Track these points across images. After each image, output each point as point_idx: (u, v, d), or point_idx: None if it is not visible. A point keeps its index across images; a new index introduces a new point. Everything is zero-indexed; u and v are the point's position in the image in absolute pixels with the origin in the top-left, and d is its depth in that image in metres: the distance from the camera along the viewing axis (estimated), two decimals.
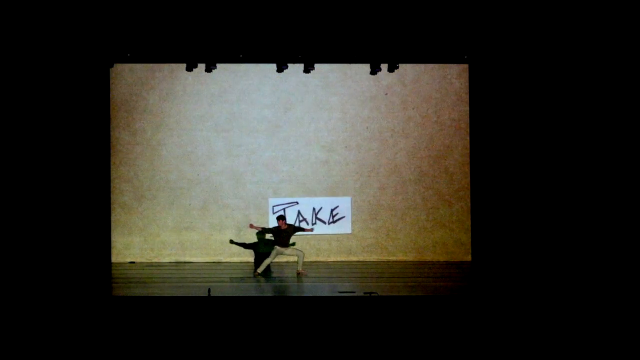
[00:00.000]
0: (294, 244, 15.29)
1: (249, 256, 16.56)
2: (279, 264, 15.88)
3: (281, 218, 15.05)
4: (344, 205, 16.80)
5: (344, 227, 16.83)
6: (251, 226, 15.46)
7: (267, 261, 14.93)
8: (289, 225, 15.14)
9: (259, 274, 14.82)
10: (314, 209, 16.79)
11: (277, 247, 14.92)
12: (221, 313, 11.25)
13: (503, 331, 10.71)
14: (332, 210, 16.79)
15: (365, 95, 16.96)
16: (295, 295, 13.24)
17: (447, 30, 15.31)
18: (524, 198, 15.81)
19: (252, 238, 15.97)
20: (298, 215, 16.74)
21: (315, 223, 16.77)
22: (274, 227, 15.05)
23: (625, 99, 14.89)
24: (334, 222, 16.77)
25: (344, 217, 16.79)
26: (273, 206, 16.74)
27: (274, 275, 15.13)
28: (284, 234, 14.90)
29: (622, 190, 14.95)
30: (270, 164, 16.93)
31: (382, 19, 15.13)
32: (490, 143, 16.32)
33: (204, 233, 16.82)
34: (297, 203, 16.71)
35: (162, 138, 16.84)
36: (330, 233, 16.82)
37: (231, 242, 15.99)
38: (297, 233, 15.22)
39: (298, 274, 14.86)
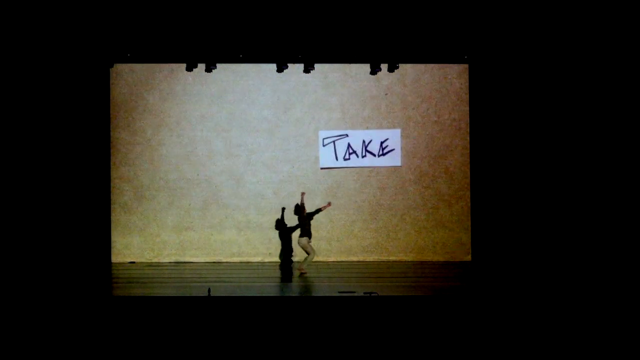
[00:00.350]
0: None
1: (248, 256, 16.58)
2: (278, 264, 15.87)
3: (302, 206, 14.98)
4: (394, 138, 16.75)
5: (393, 160, 16.78)
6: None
7: (309, 257, 14.89)
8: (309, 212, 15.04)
9: (304, 272, 14.82)
10: (363, 141, 16.75)
11: (302, 239, 14.83)
12: (221, 313, 11.25)
13: (503, 331, 10.71)
14: (381, 143, 16.73)
15: (365, 95, 16.96)
16: (296, 295, 13.23)
17: (447, 30, 15.31)
18: (524, 198, 15.81)
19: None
20: (348, 148, 16.72)
21: (365, 155, 16.75)
22: (300, 216, 14.96)
23: (625, 98, 14.90)
24: (383, 154, 16.72)
25: (393, 149, 16.73)
26: (323, 138, 16.73)
27: (271, 275, 15.11)
28: (306, 220, 14.86)
29: (622, 189, 14.96)
30: (270, 164, 16.93)
31: (382, 19, 15.13)
32: (490, 143, 16.32)
33: (204, 233, 16.82)
34: (347, 135, 16.69)
35: (162, 138, 16.84)
36: (380, 165, 16.78)
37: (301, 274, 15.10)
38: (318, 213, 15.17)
39: (300, 272, 14.83)
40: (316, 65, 16.36)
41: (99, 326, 10.83)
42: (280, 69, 16.24)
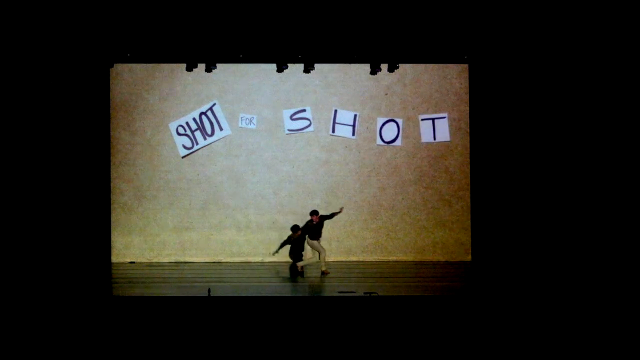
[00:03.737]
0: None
1: (248, 256, 16.57)
2: (278, 264, 15.88)
3: (314, 213, 14.94)
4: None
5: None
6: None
7: (309, 259, 14.95)
8: (320, 217, 15.00)
9: (302, 268, 14.85)
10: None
11: (308, 240, 14.90)
12: (221, 313, 11.26)
13: (503, 331, 10.71)
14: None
15: (365, 95, 16.96)
16: (296, 295, 13.24)
17: (447, 30, 15.31)
18: (524, 198, 15.80)
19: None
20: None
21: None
22: (307, 223, 14.93)
23: (625, 98, 14.90)
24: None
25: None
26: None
27: (271, 275, 15.12)
28: (315, 227, 14.85)
29: (622, 189, 14.95)
30: (270, 164, 16.93)
31: (382, 19, 15.13)
32: (490, 143, 16.32)
33: (204, 233, 16.82)
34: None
35: (162, 138, 16.84)
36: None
37: (274, 253, 15.60)
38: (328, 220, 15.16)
39: (323, 273, 14.85)
40: (316, 65, 16.35)
41: (99, 326, 10.83)
42: (280, 69, 16.23)
